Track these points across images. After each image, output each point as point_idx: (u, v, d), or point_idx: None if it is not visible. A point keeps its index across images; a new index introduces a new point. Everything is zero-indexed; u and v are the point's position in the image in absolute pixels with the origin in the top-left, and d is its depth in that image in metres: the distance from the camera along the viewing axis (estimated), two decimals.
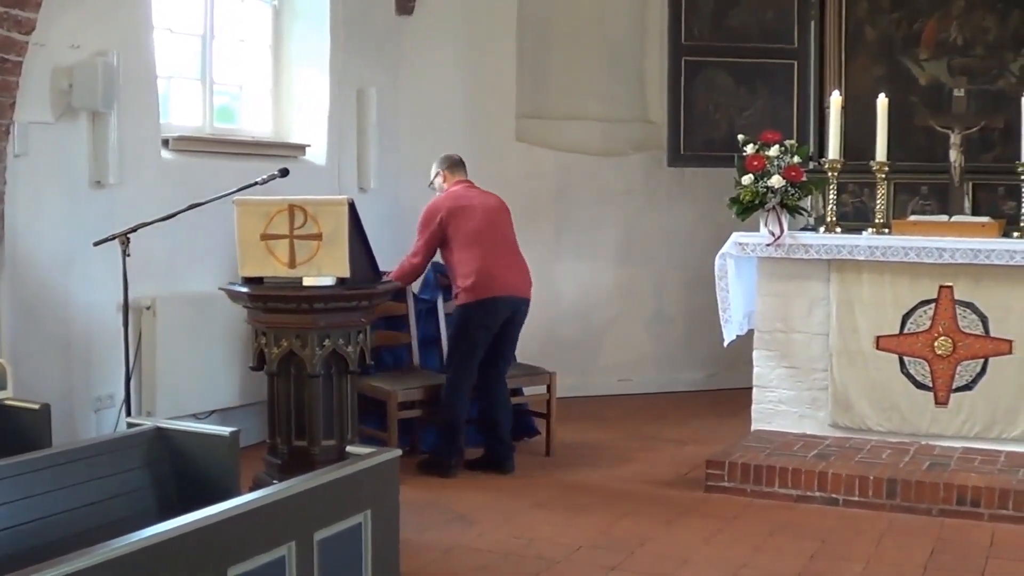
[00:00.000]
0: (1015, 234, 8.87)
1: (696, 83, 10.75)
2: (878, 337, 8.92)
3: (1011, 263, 8.51)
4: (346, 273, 7.03)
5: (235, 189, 7.56)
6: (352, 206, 7.07)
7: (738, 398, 10.03)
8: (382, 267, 7.53)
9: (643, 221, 12.07)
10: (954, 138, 9.54)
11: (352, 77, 10.56)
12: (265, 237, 7.06)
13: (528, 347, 11.43)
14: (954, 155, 9.50)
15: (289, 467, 6.94)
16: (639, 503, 8.08)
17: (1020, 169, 8.96)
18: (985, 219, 9.19)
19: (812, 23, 10.62)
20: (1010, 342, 8.60)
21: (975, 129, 9.76)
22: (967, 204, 9.71)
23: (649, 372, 12.10)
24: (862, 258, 8.86)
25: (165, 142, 8.93)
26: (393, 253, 9.98)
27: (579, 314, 11.94)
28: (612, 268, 12.01)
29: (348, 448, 5.30)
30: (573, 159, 11.85)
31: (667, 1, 10.90)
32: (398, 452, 5.17)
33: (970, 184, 9.77)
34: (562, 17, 11.95)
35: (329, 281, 7.06)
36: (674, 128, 10.75)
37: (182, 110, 9.55)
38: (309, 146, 10.19)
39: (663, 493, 8.36)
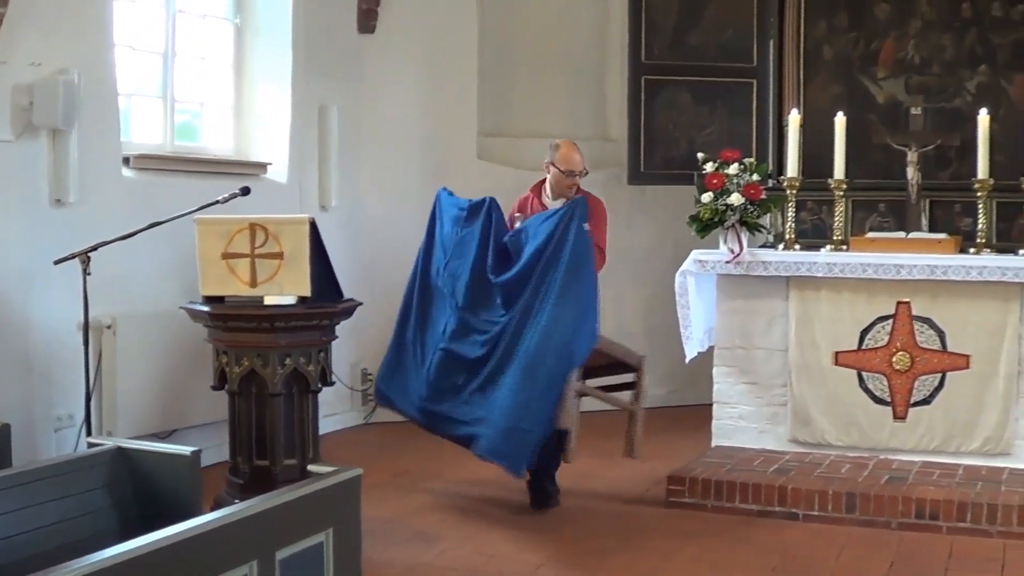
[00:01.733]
0: (971, 250, 8.95)
1: (656, 101, 10.80)
2: (837, 353, 8.98)
3: (967, 279, 8.59)
4: (307, 292, 7.05)
5: (196, 208, 7.57)
6: (313, 225, 7.09)
7: (699, 414, 10.07)
8: (343, 286, 7.53)
9: None
10: (911, 156, 9.61)
11: (314, 95, 10.58)
12: (226, 256, 7.08)
13: None
14: (911, 172, 9.57)
15: (251, 486, 6.93)
16: (601, 519, 8.10)
17: (976, 186, 9.04)
18: (942, 236, 9.27)
19: (771, 42, 10.71)
20: (967, 357, 8.68)
21: (932, 147, 9.86)
22: (924, 221, 9.79)
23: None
24: (821, 275, 8.92)
25: (126, 160, 8.93)
26: (355, 271, 10.02)
27: None
28: None
29: (309, 467, 5.32)
30: (534, 177, 11.83)
31: (627, 20, 10.94)
32: (359, 471, 5.18)
33: (927, 201, 9.86)
34: (523, 36, 11.98)
35: (290, 300, 7.08)
36: (634, 146, 10.80)
37: (143, 128, 9.55)
38: (270, 164, 10.20)
39: (625, 509, 8.39)
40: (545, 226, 8.12)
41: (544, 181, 8.78)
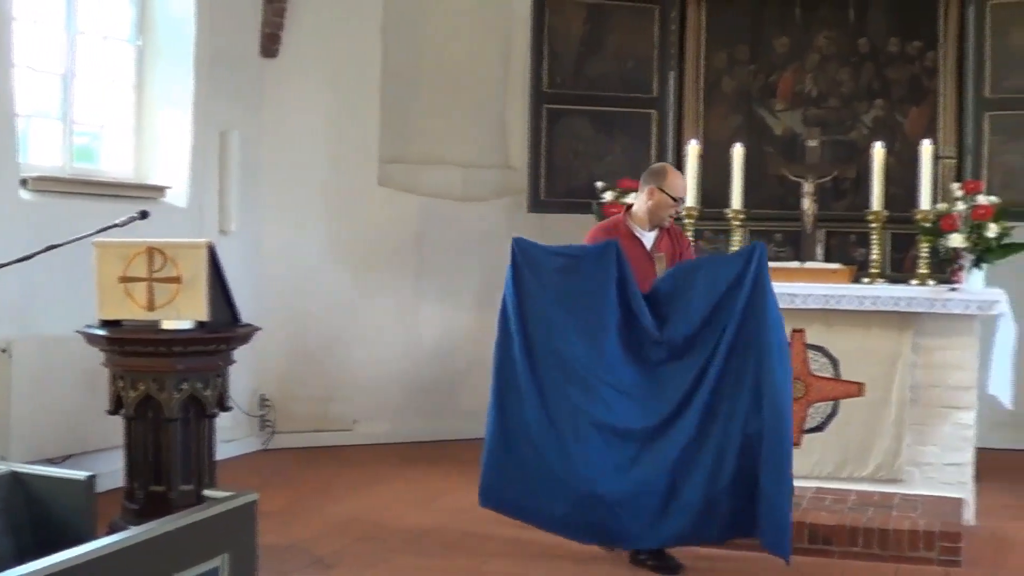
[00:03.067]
0: (865, 280, 9.10)
1: (557, 130, 10.86)
2: None
3: (861, 308, 8.73)
4: (205, 316, 7.04)
5: (94, 231, 7.52)
6: (212, 249, 7.08)
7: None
8: (241, 310, 7.51)
9: (504, 266, 12.09)
10: (807, 187, 9.75)
11: (215, 119, 10.55)
12: (124, 279, 7.05)
13: (389, 391, 11.49)
14: (807, 203, 9.70)
15: (146, 512, 6.89)
16: (499, 545, 8.09)
17: (870, 217, 9.19)
18: (837, 265, 9.41)
19: (671, 73, 10.82)
20: (860, 384, 8.80)
21: (828, 178, 10.01)
22: (819, 251, 9.91)
23: None
24: None
25: (23, 182, 8.85)
26: (253, 296, 9.99)
27: (440, 358, 11.97)
28: (473, 312, 12.04)
29: (205, 492, 5.30)
30: (435, 204, 11.90)
31: (529, 49, 11.01)
32: (255, 496, 5.17)
33: (822, 231, 9.99)
34: (426, 63, 12.00)
35: (188, 324, 7.06)
36: (534, 174, 10.85)
37: (41, 150, 9.48)
38: (170, 188, 10.16)
39: (522, 535, 8.33)
40: (725, 272, 7.22)
41: (628, 209, 8.07)
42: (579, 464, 7.23)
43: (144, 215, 7.77)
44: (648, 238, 7.87)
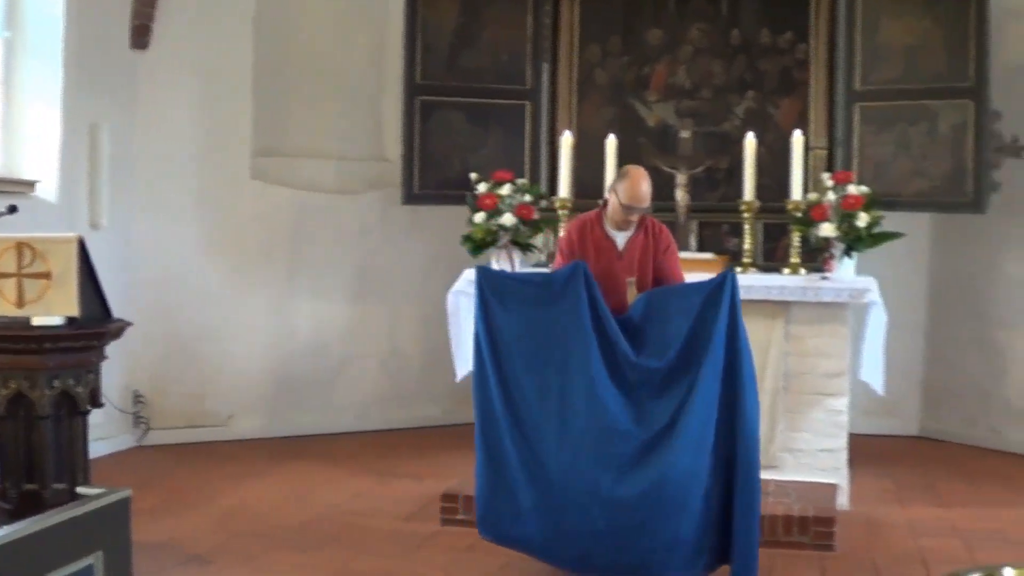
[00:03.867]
0: (738, 269, 9.17)
1: (431, 122, 10.83)
2: None
3: None
4: (76, 312, 6.93)
5: None
6: (82, 244, 6.98)
7: (474, 433, 10.12)
8: (113, 305, 7.41)
9: (378, 258, 12.12)
10: (680, 178, 9.83)
11: (85, 112, 10.41)
12: None
13: (263, 386, 11.44)
14: (680, 194, 9.78)
15: (20, 511, 6.79)
16: (376, 539, 8.11)
17: (743, 208, 9.29)
18: (710, 255, 9.51)
19: (545, 65, 10.83)
20: None
21: (700, 169, 10.09)
22: (693, 241, 9.99)
23: (385, 408, 12.12)
24: None
25: None
26: (126, 291, 9.89)
27: (314, 352, 11.92)
28: (347, 305, 12.03)
29: (79, 489, 5.25)
30: (309, 197, 11.84)
31: (403, 42, 10.97)
32: (128, 492, 5.13)
33: (696, 222, 10.07)
34: (299, 56, 11.92)
35: (59, 321, 6.96)
36: (408, 167, 10.81)
37: None
38: (39, 182, 10.00)
39: (400, 527, 8.41)
40: (698, 300, 7.12)
41: (605, 204, 7.74)
42: (559, 495, 7.13)
43: (13, 210, 7.65)
44: (619, 236, 7.61)
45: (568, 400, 7.16)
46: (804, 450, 8.94)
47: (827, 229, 9.03)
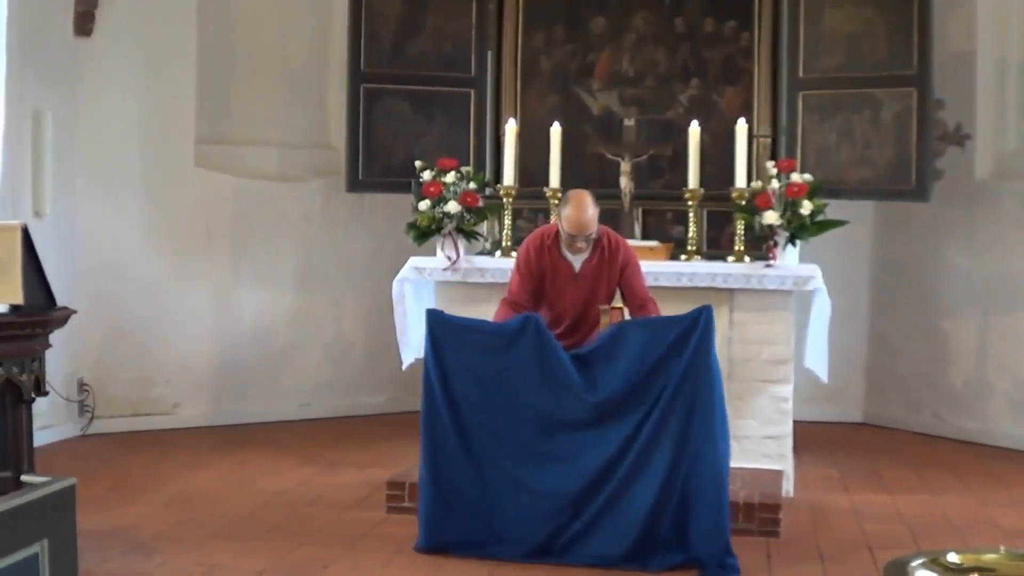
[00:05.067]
0: (683, 257, 9.26)
1: (375, 110, 10.80)
2: None
3: (679, 285, 8.89)
4: (19, 300, 6.91)
5: None
6: (26, 231, 6.95)
7: (418, 420, 10.14)
8: (57, 293, 7.38)
9: (322, 246, 12.10)
10: (624, 166, 9.83)
11: (27, 99, 10.32)
12: None
13: (208, 374, 11.41)
14: (624, 182, 9.78)
15: None
16: (321, 526, 8.10)
17: (687, 196, 9.33)
18: (654, 243, 9.54)
19: (489, 53, 10.81)
20: None
21: (644, 157, 10.10)
22: (637, 229, 10.00)
23: (330, 396, 12.12)
24: None
25: None
26: (69, 279, 9.86)
27: (258, 340, 11.90)
28: (291, 294, 12.01)
29: (23, 478, 5.22)
30: (252, 185, 11.80)
31: (347, 29, 10.94)
32: (73, 480, 5.10)
33: (640, 210, 10.07)
34: (243, 43, 11.86)
35: (2, 308, 6.93)
36: (352, 154, 10.78)
37: None
38: None
39: (345, 516, 8.40)
40: (668, 334, 7.25)
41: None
42: (514, 530, 7.33)
43: None
44: (576, 259, 7.79)
45: (520, 440, 7.37)
46: (749, 437, 8.98)
47: (771, 217, 9.06)
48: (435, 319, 7.62)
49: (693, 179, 9.31)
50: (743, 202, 9.23)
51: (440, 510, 7.48)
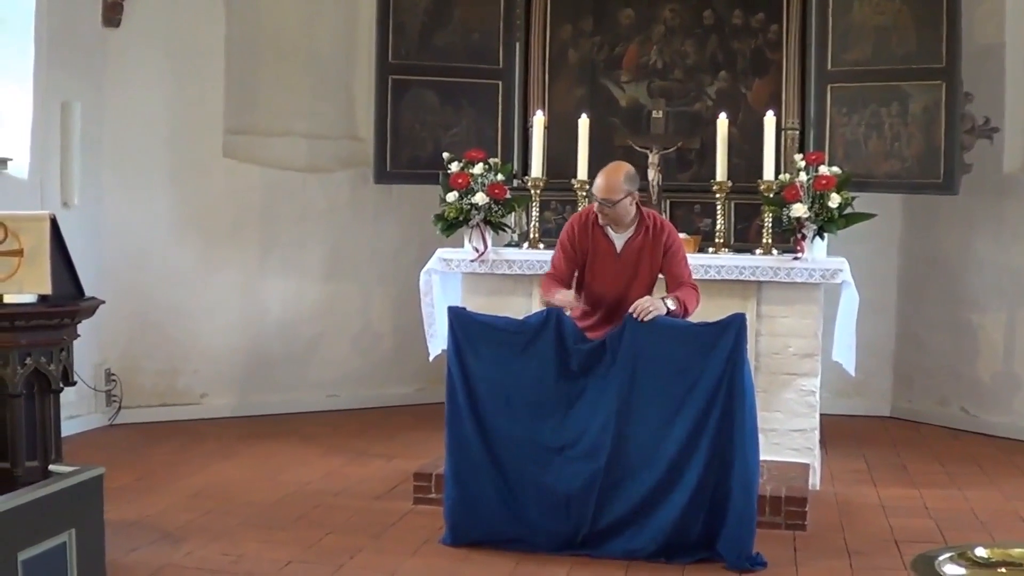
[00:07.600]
0: (710, 250, 9.24)
1: (403, 101, 10.81)
2: None
3: (706, 277, 8.83)
4: (48, 290, 6.91)
5: None
6: (54, 222, 6.97)
7: (444, 414, 10.15)
8: (85, 283, 7.39)
9: (350, 237, 12.11)
10: (652, 158, 9.82)
11: (56, 90, 10.35)
12: None
13: (236, 364, 11.43)
14: (652, 174, 9.77)
15: None
16: (348, 517, 8.11)
17: (715, 188, 9.31)
18: (682, 235, 9.49)
19: (517, 45, 10.81)
20: None
21: (672, 149, 10.10)
22: None
23: (357, 387, 12.13)
24: None
25: None
26: (97, 269, 9.88)
27: (286, 331, 11.92)
28: (319, 284, 12.02)
29: (51, 467, 5.24)
30: (280, 175, 11.81)
31: (375, 20, 10.94)
32: (101, 470, 5.13)
33: (667, 202, 10.06)
34: (271, 34, 11.89)
35: (31, 298, 6.94)
36: (380, 145, 10.79)
37: None
38: (11, 160, 9.97)
39: (371, 506, 8.40)
40: (702, 339, 7.21)
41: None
42: (539, 529, 7.36)
43: None
44: (619, 238, 7.75)
45: (542, 439, 7.35)
46: (776, 430, 8.96)
47: (799, 210, 9.03)
48: (457, 318, 7.60)
49: (721, 171, 9.29)
50: (771, 195, 9.21)
51: (465, 510, 7.48)
